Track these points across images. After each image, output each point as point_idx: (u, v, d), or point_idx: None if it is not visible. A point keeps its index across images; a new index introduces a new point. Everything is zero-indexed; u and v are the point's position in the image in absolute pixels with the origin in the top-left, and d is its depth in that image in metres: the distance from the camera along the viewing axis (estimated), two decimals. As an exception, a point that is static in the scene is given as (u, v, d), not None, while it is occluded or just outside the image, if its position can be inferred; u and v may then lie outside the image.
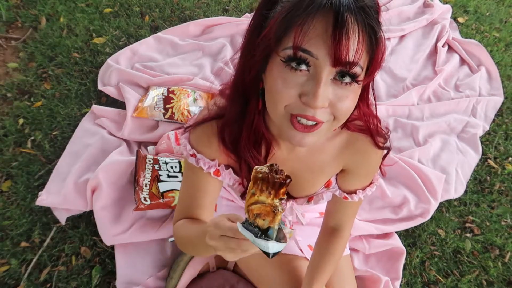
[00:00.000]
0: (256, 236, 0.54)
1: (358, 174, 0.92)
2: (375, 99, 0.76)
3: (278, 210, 0.55)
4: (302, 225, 1.16)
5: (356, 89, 0.65)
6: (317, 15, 0.59)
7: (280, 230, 0.57)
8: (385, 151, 0.88)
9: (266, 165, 0.57)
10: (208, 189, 0.86)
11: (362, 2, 0.59)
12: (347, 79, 0.62)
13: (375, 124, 0.80)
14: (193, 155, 0.83)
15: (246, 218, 0.58)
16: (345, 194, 0.94)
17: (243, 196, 0.90)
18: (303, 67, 0.61)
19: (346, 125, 0.82)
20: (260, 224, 0.56)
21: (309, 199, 0.99)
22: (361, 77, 0.63)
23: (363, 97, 0.72)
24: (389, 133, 0.86)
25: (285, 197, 0.57)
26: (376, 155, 0.87)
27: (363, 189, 0.94)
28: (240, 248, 0.59)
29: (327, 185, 0.96)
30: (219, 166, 0.84)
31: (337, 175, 0.95)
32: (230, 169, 0.86)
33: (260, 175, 0.56)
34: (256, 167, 0.58)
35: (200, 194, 0.86)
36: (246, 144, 0.78)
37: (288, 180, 0.56)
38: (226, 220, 0.60)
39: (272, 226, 0.56)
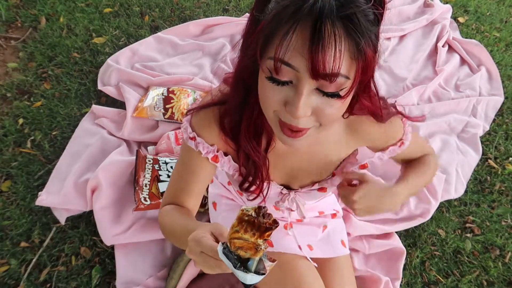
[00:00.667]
0: (235, 267, 0.54)
1: (379, 146, 0.92)
2: (377, 92, 0.74)
3: (261, 248, 0.55)
4: (301, 223, 1.16)
5: (344, 91, 0.63)
6: (298, 26, 0.57)
7: (260, 260, 0.56)
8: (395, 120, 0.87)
9: (253, 207, 0.56)
10: (200, 175, 0.86)
11: (349, 8, 0.56)
12: (329, 91, 0.61)
13: (378, 113, 0.79)
14: (193, 138, 0.83)
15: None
16: (392, 149, 0.92)
17: (241, 186, 0.89)
18: (285, 83, 0.61)
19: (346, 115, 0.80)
20: (241, 255, 0.55)
21: (313, 184, 0.97)
22: (346, 86, 0.61)
23: (364, 90, 0.70)
24: (395, 105, 0.85)
25: (269, 238, 0.56)
26: (383, 128, 0.86)
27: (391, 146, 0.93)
28: (218, 267, 0.59)
29: (333, 175, 0.96)
30: (217, 152, 0.84)
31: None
32: (230, 156, 0.86)
33: (246, 218, 0.55)
34: (243, 207, 0.57)
35: (193, 178, 0.86)
36: (246, 134, 0.79)
37: (274, 226, 0.55)
38: (208, 237, 0.60)
39: (253, 258, 0.55)
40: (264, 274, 0.56)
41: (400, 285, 1.40)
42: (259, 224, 0.54)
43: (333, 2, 0.55)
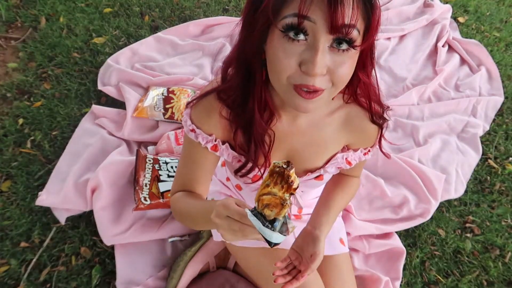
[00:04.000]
0: (263, 225, 0.60)
1: (355, 146, 0.95)
2: (375, 70, 0.78)
3: (286, 203, 0.60)
4: (300, 220, 1.17)
5: (353, 55, 0.67)
6: None
7: (284, 223, 0.62)
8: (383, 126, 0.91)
9: (283, 161, 0.62)
10: (205, 164, 0.91)
11: None
12: (344, 46, 0.64)
13: (376, 94, 0.82)
14: (193, 130, 0.87)
15: (255, 207, 0.63)
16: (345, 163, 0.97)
17: (236, 172, 0.91)
18: (301, 37, 0.64)
19: (348, 97, 0.84)
20: (267, 214, 0.61)
21: (308, 173, 0.99)
22: (358, 42, 0.65)
23: (363, 66, 0.74)
24: (389, 108, 0.88)
25: (295, 193, 0.61)
26: (373, 130, 0.91)
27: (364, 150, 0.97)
28: (242, 232, 0.64)
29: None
30: (215, 141, 0.87)
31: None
32: (227, 144, 0.89)
33: (277, 169, 0.61)
34: (274, 161, 0.62)
35: (198, 168, 0.91)
36: (253, 108, 0.80)
37: (297, 183, 0.61)
38: (234, 204, 0.66)
39: (278, 218, 0.61)
40: (287, 235, 0.62)
41: (400, 285, 1.40)
42: (288, 175, 0.60)
43: None
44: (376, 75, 0.79)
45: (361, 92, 0.81)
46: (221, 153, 0.90)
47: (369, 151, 0.96)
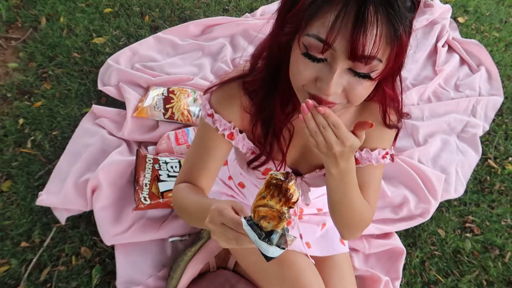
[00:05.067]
0: (260, 238, 0.56)
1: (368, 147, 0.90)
2: (401, 83, 0.77)
3: (285, 217, 0.56)
4: (301, 220, 1.17)
5: (375, 73, 0.65)
6: (342, 6, 0.59)
7: (282, 235, 0.58)
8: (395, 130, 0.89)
9: (281, 172, 0.58)
10: (216, 152, 0.88)
11: None
12: (362, 72, 0.63)
13: (395, 106, 0.81)
14: (211, 115, 0.85)
15: (251, 216, 0.58)
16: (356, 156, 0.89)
17: (249, 164, 0.90)
18: (320, 61, 0.63)
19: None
20: (263, 226, 0.57)
21: (318, 169, 0.96)
22: (378, 69, 0.64)
23: (389, 80, 0.73)
24: (408, 117, 0.87)
25: (294, 207, 0.57)
26: (385, 132, 0.88)
27: (372, 149, 0.90)
28: (236, 241, 0.61)
29: None
30: (233, 129, 0.86)
31: None
32: (244, 134, 0.88)
33: (274, 181, 0.57)
34: (271, 172, 0.59)
35: (209, 155, 0.88)
36: (279, 103, 0.79)
37: (297, 196, 0.57)
38: (230, 210, 0.62)
39: (276, 230, 0.57)
40: (285, 248, 0.57)
41: (400, 285, 1.40)
42: (287, 188, 0.55)
43: None
44: (401, 86, 0.77)
45: (383, 101, 0.80)
46: (236, 143, 0.88)
47: (386, 153, 0.90)
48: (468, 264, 1.50)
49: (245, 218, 0.58)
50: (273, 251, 0.56)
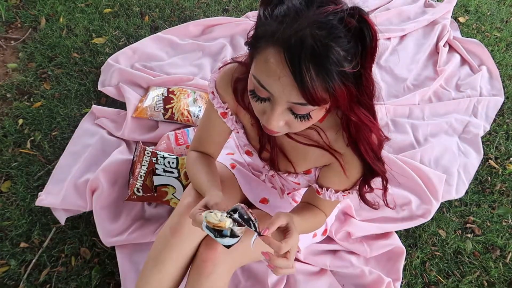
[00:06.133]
0: (215, 237, 0.74)
1: (336, 173, 0.91)
2: (374, 114, 0.76)
3: (225, 225, 0.73)
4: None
5: (315, 112, 0.69)
6: (276, 52, 0.62)
7: (232, 230, 0.74)
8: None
9: (217, 213, 0.75)
10: (216, 126, 1.00)
11: (324, 48, 0.59)
12: (300, 113, 0.68)
13: (370, 132, 0.78)
14: (212, 93, 0.95)
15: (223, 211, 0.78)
16: (318, 188, 0.96)
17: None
18: (263, 100, 0.70)
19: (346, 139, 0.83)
20: (217, 228, 0.74)
21: (289, 173, 1.02)
22: (317, 109, 0.67)
23: (350, 110, 0.72)
24: (387, 139, 0.83)
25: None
26: (355, 171, 0.89)
27: (336, 191, 0.94)
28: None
29: (307, 173, 0.99)
30: (226, 109, 0.95)
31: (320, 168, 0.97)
32: (234, 116, 0.96)
33: (211, 225, 0.74)
34: (206, 215, 0.74)
35: (212, 129, 1.02)
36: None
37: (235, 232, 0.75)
38: (200, 214, 0.76)
39: (224, 229, 0.74)
40: (239, 236, 0.75)
41: (401, 286, 1.39)
42: (220, 226, 0.73)
43: (310, 42, 0.59)
44: (374, 109, 0.75)
45: (355, 131, 0.78)
46: (227, 121, 0.96)
47: (349, 192, 0.94)
48: (469, 264, 1.49)
49: (205, 222, 0.75)
50: (228, 241, 0.74)
